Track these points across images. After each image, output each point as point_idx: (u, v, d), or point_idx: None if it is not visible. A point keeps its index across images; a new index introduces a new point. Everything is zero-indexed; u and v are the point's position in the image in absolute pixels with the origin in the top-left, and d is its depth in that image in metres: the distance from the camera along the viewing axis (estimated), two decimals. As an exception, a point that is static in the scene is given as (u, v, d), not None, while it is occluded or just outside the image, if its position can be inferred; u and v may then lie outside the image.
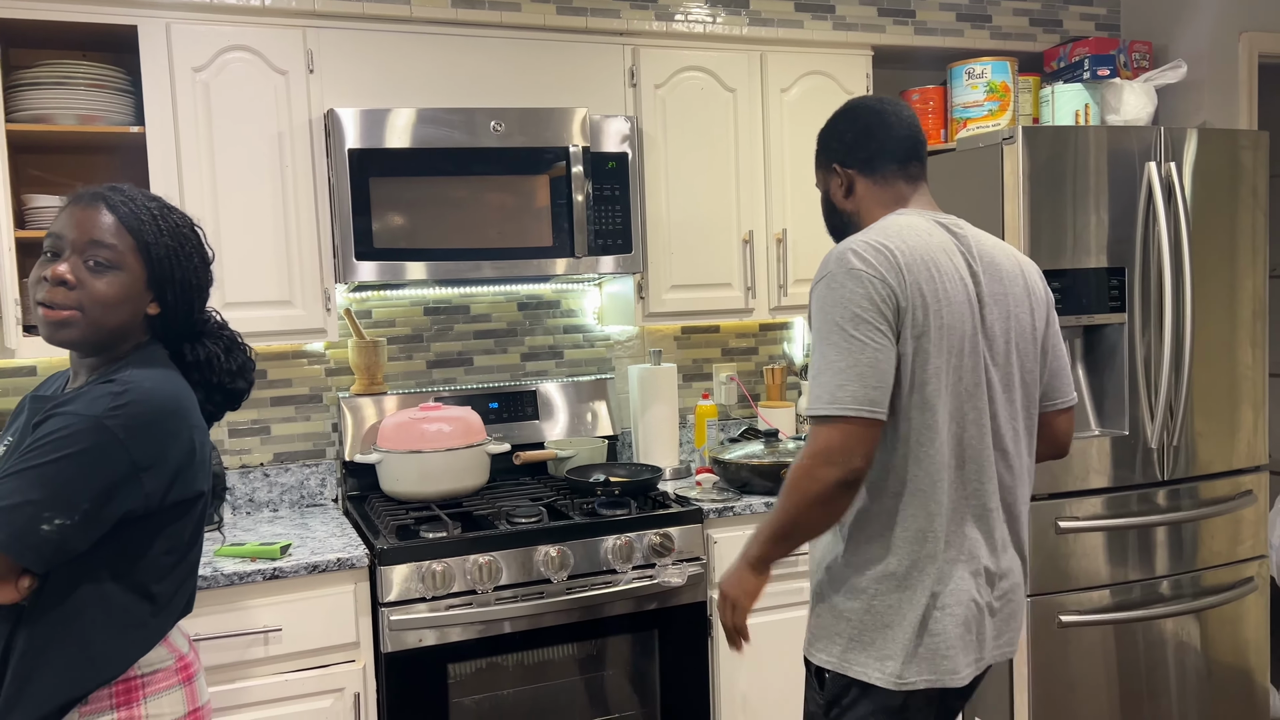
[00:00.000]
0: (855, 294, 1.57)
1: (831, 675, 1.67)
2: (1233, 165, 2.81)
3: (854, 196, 1.77)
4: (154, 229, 1.46)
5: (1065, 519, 2.65)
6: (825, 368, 1.56)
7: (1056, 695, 2.67)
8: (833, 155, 1.78)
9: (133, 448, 1.35)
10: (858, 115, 1.76)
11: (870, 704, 1.64)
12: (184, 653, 1.52)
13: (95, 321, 1.43)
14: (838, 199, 1.79)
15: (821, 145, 1.82)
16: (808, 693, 1.75)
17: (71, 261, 1.42)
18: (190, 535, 1.49)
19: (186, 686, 1.50)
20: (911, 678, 1.61)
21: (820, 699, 1.70)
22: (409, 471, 2.57)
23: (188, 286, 1.51)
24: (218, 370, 1.56)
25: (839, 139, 1.77)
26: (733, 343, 3.31)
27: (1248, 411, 2.87)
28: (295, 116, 2.49)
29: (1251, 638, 2.91)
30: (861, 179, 1.75)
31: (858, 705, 1.65)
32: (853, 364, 1.54)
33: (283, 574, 2.19)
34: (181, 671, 1.50)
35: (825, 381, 1.55)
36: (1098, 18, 3.47)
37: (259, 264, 2.48)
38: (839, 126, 1.78)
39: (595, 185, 2.65)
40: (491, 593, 2.34)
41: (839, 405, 1.53)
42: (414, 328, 2.97)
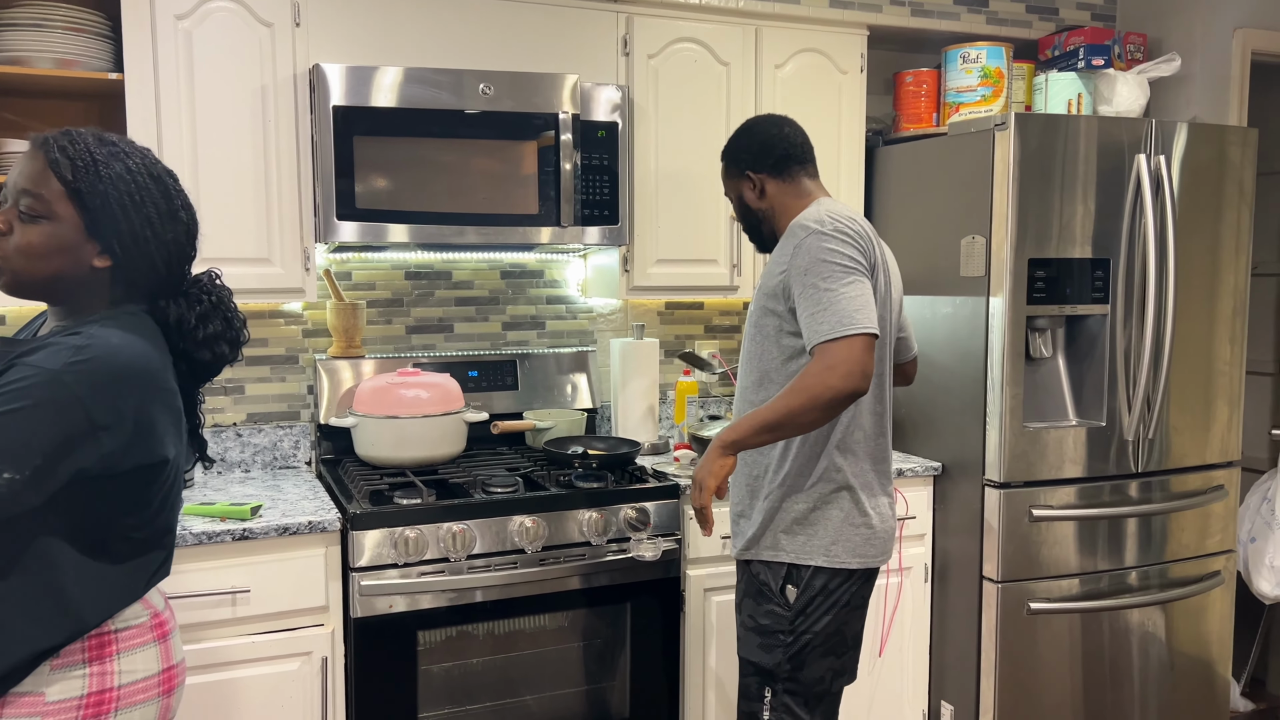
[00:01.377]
0: (846, 245, 1.93)
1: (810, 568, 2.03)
2: (1221, 161, 2.81)
3: (766, 197, 2.14)
4: (91, 176, 1.39)
5: (1039, 507, 2.66)
6: (835, 299, 1.87)
7: (1022, 681, 2.70)
8: (743, 164, 2.15)
9: (91, 406, 1.30)
10: (759, 130, 2.16)
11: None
12: (159, 610, 1.49)
13: (19, 271, 1.38)
14: (751, 200, 2.16)
15: (730, 158, 2.19)
16: (765, 608, 2.06)
17: (7, 210, 1.39)
18: (160, 501, 1.45)
19: (161, 644, 1.47)
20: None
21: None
22: (385, 437, 2.54)
23: (141, 239, 1.43)
24: (185, 335, 1.50)
25: (746, 150, 2.15)
26: (716, 320, 3.29)
27: (1223, 407, 2.89)
28: (280, 70, 2.44)
29: (1215, 631, 2.95)
30: (772, 181, 2.13)
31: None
32: (859, 294, 1.89)
33: (253, 535, 2.17)
34: (156, 629, 1.47)
35: (840, 308, 1.86)
36: (1094, 7, 3.46)
37: (238, 220, 2.43)
38: (743, 141, 2.16)
39: (584, 154, 2.62)
40: (464, 561, 2.33)
41: (858, 325, 1.85)
42: (394, 292, 2.93)
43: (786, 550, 2.04)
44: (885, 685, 2.83)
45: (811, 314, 1.90)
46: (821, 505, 2.04)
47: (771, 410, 1.90)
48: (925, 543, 2.86)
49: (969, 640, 2.75)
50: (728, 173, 2.20)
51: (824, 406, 1.86)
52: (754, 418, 1.92)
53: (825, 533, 2.03)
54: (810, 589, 2.03)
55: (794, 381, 1.90)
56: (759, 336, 2.08)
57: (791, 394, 1.87)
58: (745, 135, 2.17)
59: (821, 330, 1.88)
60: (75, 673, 1.38)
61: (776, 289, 2.01)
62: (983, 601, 2.70)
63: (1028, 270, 2.61)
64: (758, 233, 2.20)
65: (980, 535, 2.70)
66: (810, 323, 1.91)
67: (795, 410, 1.86)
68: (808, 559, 2.03)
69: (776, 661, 2.04)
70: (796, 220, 2.02)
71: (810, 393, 1.85)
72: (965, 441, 2.75)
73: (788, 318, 2.01)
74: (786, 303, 2.00)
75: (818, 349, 1.88)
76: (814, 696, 2.06)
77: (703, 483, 1.96)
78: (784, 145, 2.12)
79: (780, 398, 1.90)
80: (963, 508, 2.76)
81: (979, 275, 2.68)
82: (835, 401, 1.85)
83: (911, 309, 2.93)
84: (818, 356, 1.88)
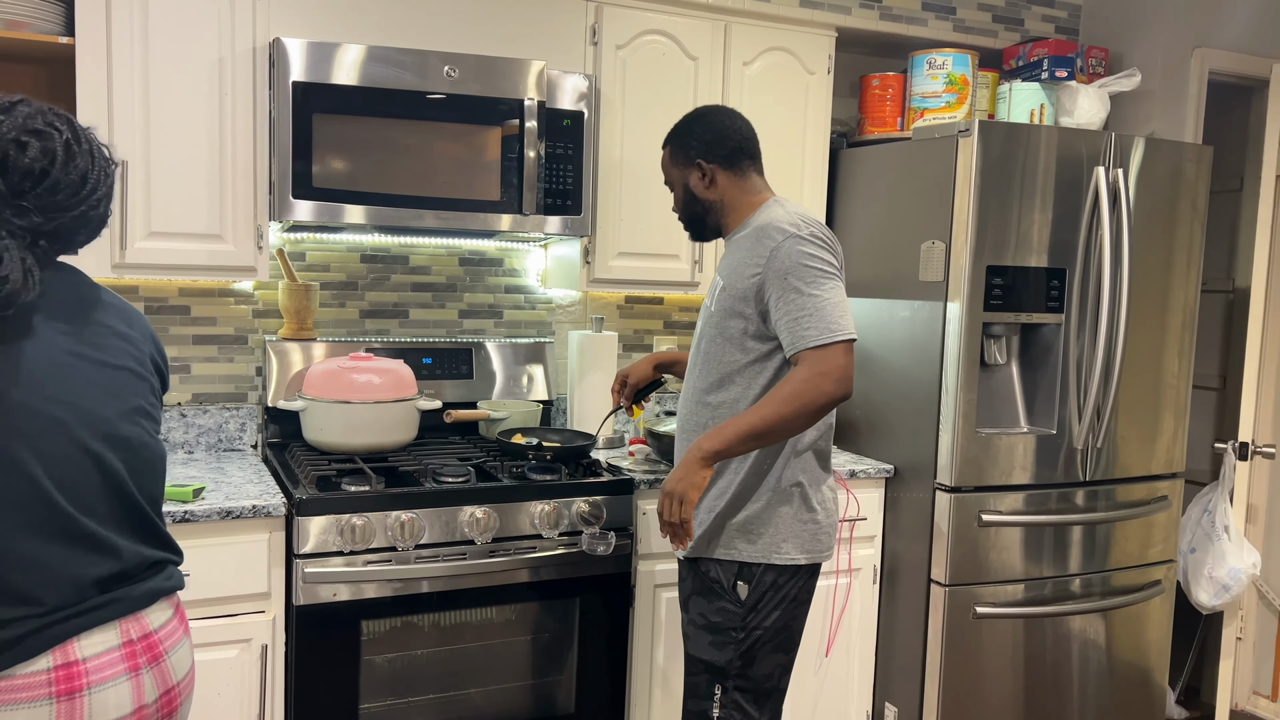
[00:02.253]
0: (822, 250, 1.95)
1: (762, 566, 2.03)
2: (1176, 177, 2.86)
3: (716, 187, 2.10)
4: None
5: (988, 512, 2.69)
6: (820, 305, 1.89)
7: (966, 684, 2.72)
8: (694, 152, 2.10)
9: None
10: (712, 118, 2.11)
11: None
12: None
13: None
14: (699, 190, 2.12)
15: (679, 144, 2.13)
16: (717, 605, 2.05)
17: None
18: None
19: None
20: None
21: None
22: (334, 422, 2.49)
23: None
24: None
25: (698, 138, 2.10)
26: (676, 316, 3.28)
27: (1169, 420, 2.94)
28: (239, 43, 2.38)
29: (1154, 639, 3.00)
30: (723, 172, 2.10)
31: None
32: (840, 299, 1.92)
33: (194, 517, 2.11)
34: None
35: (825, 314, 1.88)
36: (1058, 20, 3.50)
37: (190, 194, 2.37)
38: (696, 128, 2.11)
39: (548, 143, 2.59)
40: (412, 551, 2.29)
41: (844, 331, 1.89)
42: (349, 274, 2.87)
43: (740, 550, 2.04)
44: (831, 686, 2.84)
45: (795, 319, 1.90)
46: (774, 504, 2.03)
47: (760, 418, 1.88)
48: (875, 544, 2.88)
49: (915, 642, 2.76)
50: (675, 159, 2.15)
51: (814, 413, 1.89)
52: (739, 425, 1.89)
53: (777, 531, 2.03)
54: (761, 585, 2.03)
55: (782, 389, 1.88)
56: (720, 339, 2.06)
57: (782, 402, 1.86)
58: (698, 122, 2.12)
59: (809, 336, 1.88)
60: None
61: (748, 291, 1.99)
62: (930, 604, 2.72)
63: (985, 277, 2.63)
64: (700, 223, 2.17)
65: (930, 538, 2.71)
66: (794, 328, 1.90)
67: (786, 417, 1.87)
68: (760, 558, 2.03)
69: (728, 659, 2.03)
70: (767, 221, 2.01)
71: (804, 399, 1.86)
72: (918, 445, 2.76)
73: (755, 320, 1.99)
74: (758, 306, 1.98)
75: (805, 355, 1.88)
76: (763, 693, 2.06)
77: (684, 495, 1.91)
78: (738, 138, 2.10)
79: (768, 405, 1.88)
80: (913, 511, 2.78)
81: (937, 280, 2.69)
82: (827, 408, 1.89)
83: (869, 311, 2.94)
84: (806, 363, 1.88)
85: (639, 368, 2.44)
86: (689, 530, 1.94)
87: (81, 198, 1.36)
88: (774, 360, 2.00)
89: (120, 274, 2.33)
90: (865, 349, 2.95)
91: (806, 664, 2.77)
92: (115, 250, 2.31)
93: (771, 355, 2.00)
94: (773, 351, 2.00)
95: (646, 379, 2.45)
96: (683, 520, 1.92)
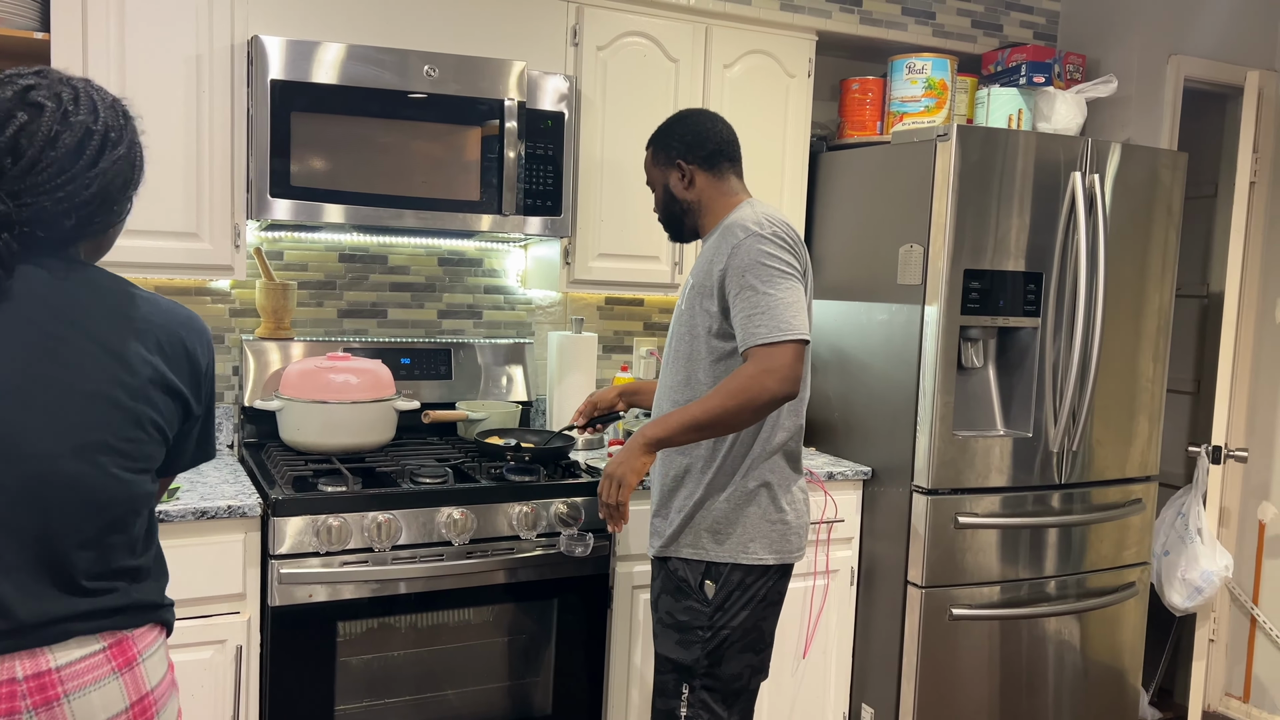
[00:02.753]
0: (782, 250, 1.96)
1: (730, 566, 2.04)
2: (1152, 182, 2.89)
3: (695, 188, 2.13)
4: None
5: (965, 514, 2.70)
6: (773, 304, 1.90)
7: (942, 686, 2.74)
8: (674, 152, 2.13)
9: None
10: (693, 120, 2.15)
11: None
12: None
13: None
14: (678, 190, 2.15)
15: (660, 144, 2.16)
16: (684, 604, 2.05)
17: None
18: None
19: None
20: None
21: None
22: (311, 422, 2.48)
23: None
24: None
25: (679, 139, 2.13)
26: (656, 317, 3.28)
27: (1144, 423, 2.96)
28: (216, 40, 2.36)
29: (1128, 641, 3.02)
30: (701, 173, 2.13)
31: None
32: (795, 299, 1.93)
33: (168, 518, 2.09)
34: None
35: (777, 313, 1.89)
36: (1037, 26, 3.52)
37: (166, 193, 2.35)
38: (677, 130, 2.14)
39: (529, 143, 2.58)
40: (389, 552, 2.28)
41: (795, 331, 1.89)
42: (327, 274, 2.86)
43: (707, 549, 2.05)
44: (808, 687, 2.85)
45: (748, 316, 1.92)
46: (742, 504, 2.04)
47: (704, 410, 1.90)
48: (853, 546, 2.89)
49: (891, 644, 2.78)
50: (655, 159, 2.19)
51: (757, 409, 1.90)
52: (683, 416, 1.93)
53: (744, 531, 2.04)
54: (728, 584, 2.03)
55: (727, 383, 1.91)
56: (689, 335, 2.08)
57: (726, 395, 1.89)
58: (680, 124, 2.15)
59: (759, 334, 1.90)
60: None
61: (712, 289, 2.01)
62: (906, 606, 2.73)
63: (963, 281, 2.65)
64: (679, 223, 2.19)
65: (906, 540, 2.73)
66: (746, 324, 1.92)
67: (730, 411, 1.89)
68: (728, 557, 2.03)
69: (695, 658, 2.04)
70: (733, 220, 2.03)
71: (746, 394, 1.88)
72: (895, 447, 2.78)
73: (718, 317, 2.01)
74: (719, 302, 2.00)
75: (754, 351, 1.90)
76: (732, 693, 2.06)
77: (623, 479, 1.96)
78: (717, 140, 2.13)
79: (713, 398, 1.90)
80: (890, 513, 2.79)
81: (915, 284, 2.71)
82: (770, 405, 1.90)
83: (848, 314, 2.95)
84: (754, 359, 1.89)
85: (606, 395, 2.46)
86: (624, 514, 2.00)
87: (69, 177, 1.23)
88: (737, 359, 2.01)
89: (95, 272, 2.31)
90: (843, 351, 2.97)
91: (783, 665, 2.77)
92: (90, 248, 2.29)
93: (734, 354, 2.01)
94: (735, 350, 2.01)
95: (608, 406, 2.46)
96: (619, 503, 1.98)
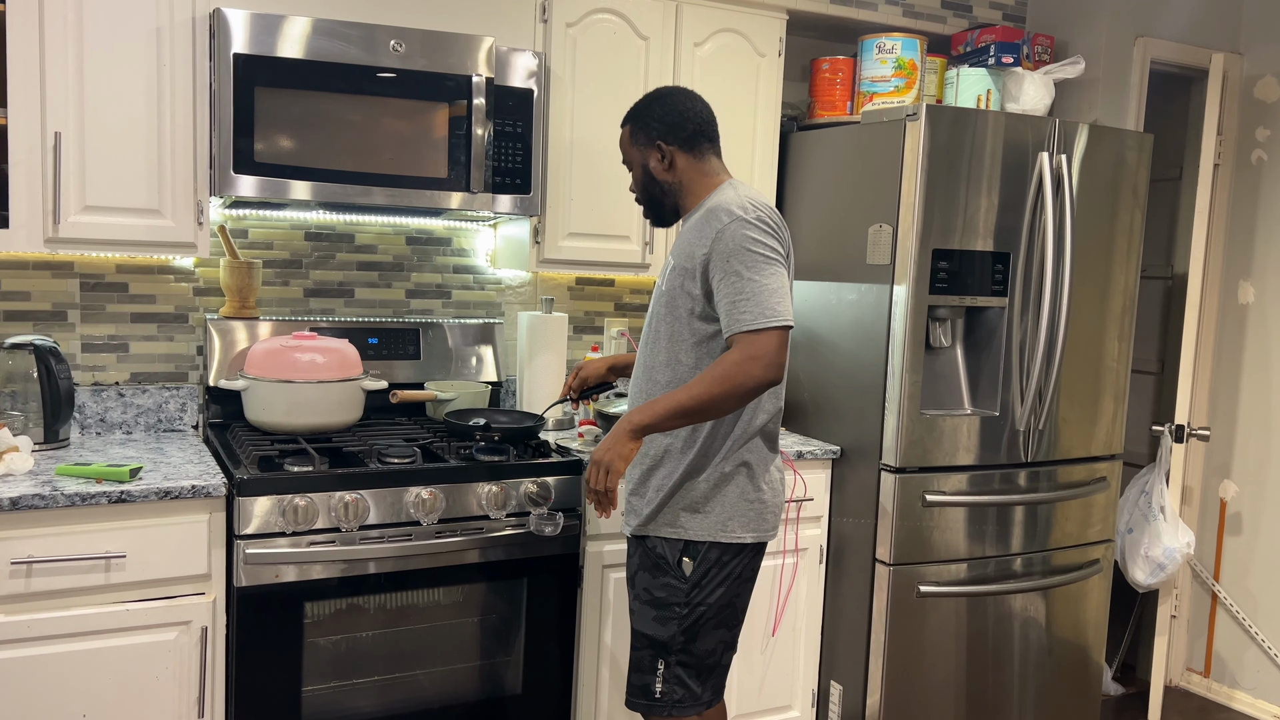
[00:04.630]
0: (767, 235, 1.96)
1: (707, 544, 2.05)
2: (1118, 163, 2.91)
3: (675, 169, 2.11)
4: None
5: (932, 492, 2.72)
6: (757, 289, 1.90)
7: (909, 662, 2.76)
8: (654, 133, 2.10)
9: None
10: (673, 100, 2.11)
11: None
12: None
13: None
14: (658, 171, 2.12)
15: (640, 124, 2.13)
16: (661, 580, 2.06)
17: None
18: None
19: None
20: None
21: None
22: (277, 401, 2.45)
23: None
24: None
25: (659, 119, 2.10)
26: (627, 298, 3.27)
27: (1109, 402, 3.00)
28: (178, 13, 2.31)
29: (1092, 617, 3.07)
30: (681, 154, 2.10)
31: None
32: (779, 285, 1.93)
33: (131, 498, 2.06)
34: None
35: (762, 300, 1.89)
36: (1005, 7, 3.53)
37: (127, 168, 2.30)
38: (656, 109, 2.11)
39: (497, 120, 2.56)
40: (356, 532, 2.26)
41: (779, 318, 1.90)
42: (293, 252, 2.82)
43: (686, 528, 2.05)
44: (777, 665, 2.87)
45: (733, 302, 1.92)
46: (721, 484, 2.04)
47: (690, 397, 1.91)
48: (822, 525, 2.90)
49: (860, 621, 2.80)
50: (634, 139, 2.16)
51: (742, 395, 1.92)
52: (669, 402, 1.93)
53: (722, 510, 2.04)
54: (705, 561, 2.04)
55: (713, 369, 1.91)
56: (669, 318, 2.07)
57: (713, 382, 1.90)
58: (659, 103, 2.13)
59: (744, 320, 1.90)
60: None
61: (695, 272, 2.01)
62: (874, 583, 2.75)
63: (931, 261, 2.66)
64: (659, 205, 2.18)
65: (875, 518, 2.74)
66: (731, 310, 1.92)
67: (716, 397, 1.90)
68: (707, 536, 2.04)
69: (671, 634, 2.05)
70: (717, 203, 2.02)
71: (733, 381, 1.89)
72: (864, 426, 2.79)
73: (701, 300, 2.01)
74: (703, 285, 2.00)
75: (740, 338, 1.90)
76: (705, 668, 2.07)
77: (611, 465, 1.96)
78: (698, 120, 2.11)
79: (699, 384, 1.91)
80: (859, 491, 2.81)
81: (884, 264, 2.72)
82: (755, 391, 1.92)
83: (817, 294, 2.96)
84: (739, 346, 1.90)
85: (594, 366, 2.44)
86: (613, 499, 1.99)
87: None
88: (719, 340, 2.01)
89: (54, 249, 2.27)
90: (813, 331, 2.97)
91: (753, 643, 2.79)
92: (48, 224, 2.24)
93: (717, 336, 2.01)
94: (718, 332, 2.01)
95: (598, 378, 2.45)
96: (608, 489, 1.97)
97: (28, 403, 2.35)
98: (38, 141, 2.22)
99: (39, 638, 2.02)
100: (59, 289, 2.58)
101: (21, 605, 2.02)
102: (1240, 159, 3.52)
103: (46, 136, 2.22)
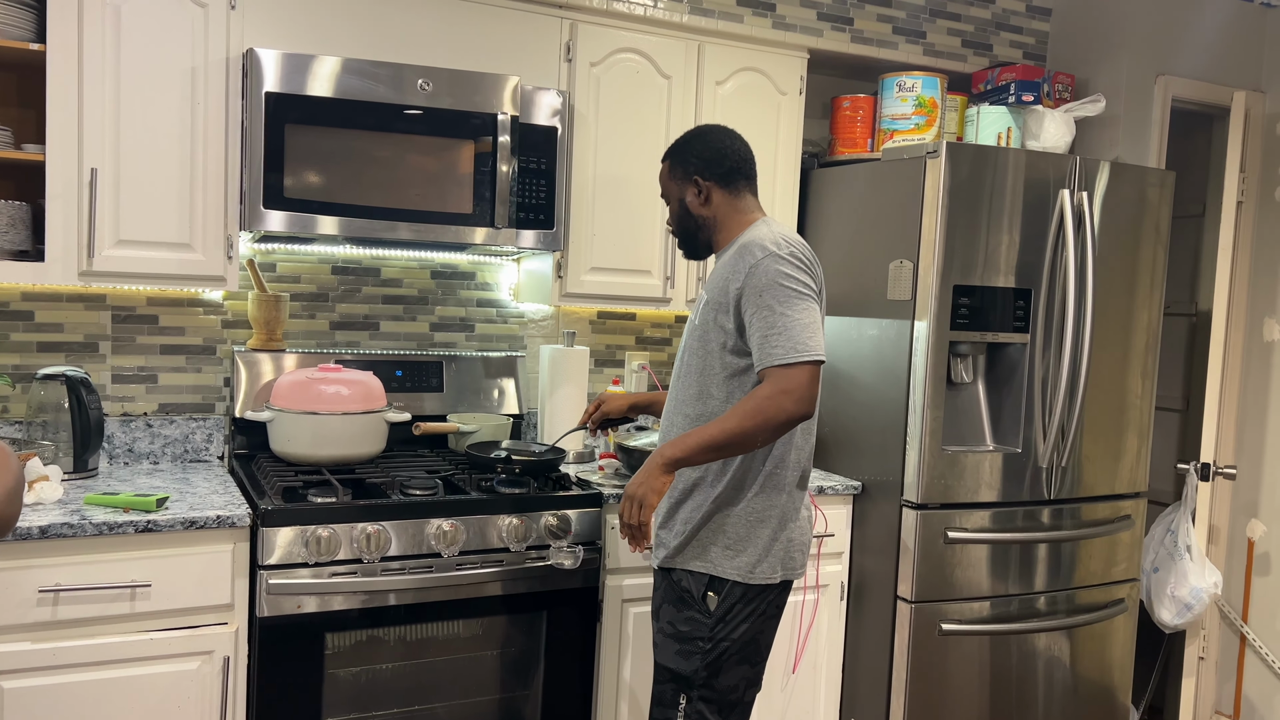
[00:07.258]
0: (799, 270, 1.98)
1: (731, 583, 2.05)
2: (1140, 200, 2.91)
3: (711, 205, 2.14)
4: None
5: (954, 529, 2.71)
6: (790, 324, 1.92)
7: (931, 701, 2.73)
8: (691, 169, 2.14)
9: None
10: (712, 137, 2.15)
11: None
12: None
13: None
14: (694, 206, 2.15)
15: (678, 160, 2.17)
16: (686, 614, 2.06)
17: None
18: None
19: None
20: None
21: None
22: (302, 433, 2.48)
23: None
24: None
25: (697, 155, 2.14)
26: (648, 331, 3.29)
27: (1133, 439, 2.98)
28: (212, 53, 2.38)
29: (1117, 657, 3.02)
30: (718, 190, 2.13)
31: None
32: (812, 320, 1.95)
33: (157, 527, 2.09)
34: None
35: (795, 334, 1.91)
36: (1026, 46, 3.56)
37: (159, 203, 2.36)
38: (695, 145, 2.15)
39: (522, 157, 2.60)
40: (378, 563, 2.28)
41: (811, 353, 1.91)
42: (320, 286, 2.87)
43: (713, 563, 2.05)
44: (798, 702, 2.84)
45: (765, 336, 1.93)
46: (753, 521, 2.04)
47: (722, 431, 1.91)
48: (843, 561, 2.89)
49: (881, 659, 2.77)
50: (673, 173, 2.19)
51: (774, 429, 1.92)
52: (701, 436, 1.93)
53: (754, 550, 2.04)
54: (731, 596, 2.04)
55: (745, 404, 1.92)
56: (701, 351, 2.08)
57: (744, 416, 1.90)
58: (698, 140, 2.16)
59: (775, 354, 1.91)
60: None
61: (727, 306, 2.02)
62: (896, 621, 2.73)
63: (952, 297, 2.67)
64: (693, 239, 2.20)
65: (896, 555, 2.73)
66: (764, 345, 1.93)
67: (748, 432, 1.90)
68: (733, 575, 2.04)
69: (694, 668, 2.04)
70: (750, 239, 2.04)
71: (764, 415, 1.89)
72: (885, 462, 2.78)
73: (733, 334, 2.02)
74: (735, 319, 2.01)
75: (771, 372, 1.91)
76: (728, 704, 2.06)
77: (644, 499, 1.95)
78: (735, 158, 2.14)
79: (731, 419, 1.91)
80: (880, 527, 2.80)
81: (905, 299, 2.72)
82: (786, 425, 1.92)
83: (839, 329, 2.97)
84: (771, 380, 1.91)
85: (616, 401, 2.46)
86: (647, 534, 1.97)
87: None
88: (750, 375, 2.02)
89: (87, 282, 2.32)
90: (834, 367, 2.98)
91: (774, 680, 2.77)
92: (82, 258, 2.30)
93: (748, 370, 2.02)
94: (749, 366, 2.02)
95: (619, 414, 2.47)
96: (641, 523, 1.96)
97: (58, 432, 2.39)
98: (74, 177, 2.28)
99: (65, 665, 2.04)
100: (91, 321, 2.63)
101: (48, 633, 2.04)
102: (1264, 196, 3.51)
103: (84, 173, 2.28)
